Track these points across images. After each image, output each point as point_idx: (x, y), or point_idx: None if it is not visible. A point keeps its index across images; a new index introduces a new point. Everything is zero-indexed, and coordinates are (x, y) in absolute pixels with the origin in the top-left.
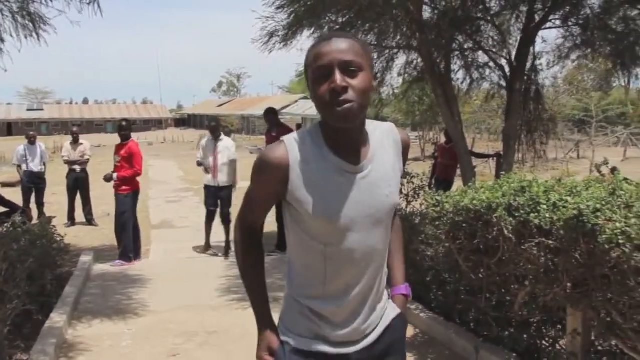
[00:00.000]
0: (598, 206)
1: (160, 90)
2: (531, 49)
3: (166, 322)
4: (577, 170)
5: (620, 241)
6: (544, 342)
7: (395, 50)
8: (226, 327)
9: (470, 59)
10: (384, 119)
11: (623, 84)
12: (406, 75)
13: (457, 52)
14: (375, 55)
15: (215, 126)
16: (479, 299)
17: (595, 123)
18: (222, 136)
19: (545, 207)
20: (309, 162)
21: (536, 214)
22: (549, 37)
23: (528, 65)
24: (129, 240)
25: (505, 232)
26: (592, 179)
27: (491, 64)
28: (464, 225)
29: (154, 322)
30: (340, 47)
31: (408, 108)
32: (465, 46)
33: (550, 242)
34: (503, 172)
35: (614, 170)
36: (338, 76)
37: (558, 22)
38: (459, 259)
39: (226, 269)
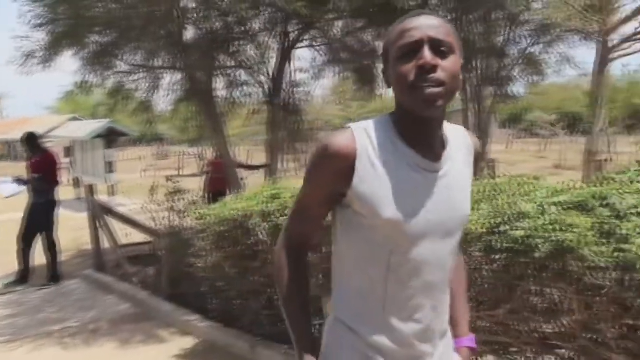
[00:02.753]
0: None
1: None
2: (289, 66)
3: None
4: None
5: None
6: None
7: (163, 70)
8: None
9: (233, 77)
10: (159, 136)
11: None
12: (174, 93)
13: (220, 71)
14: (143, 75)
15: None
16: (250, 301)
17: None
18: None
19: (290, 209)
20: (379, 154)
21: (285, 217)
22: (305, 55)
23: (287, 81)
24: None
25: (261, 236)
26: None
27: (253, 81)
28: (227, 234)
29: None
30: (431, 23)
31: (182, 125)
32: (228, 65)
33: None
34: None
35: None
36: (427, 52)
37: (310, 42)
38: (225, 267)
39: None
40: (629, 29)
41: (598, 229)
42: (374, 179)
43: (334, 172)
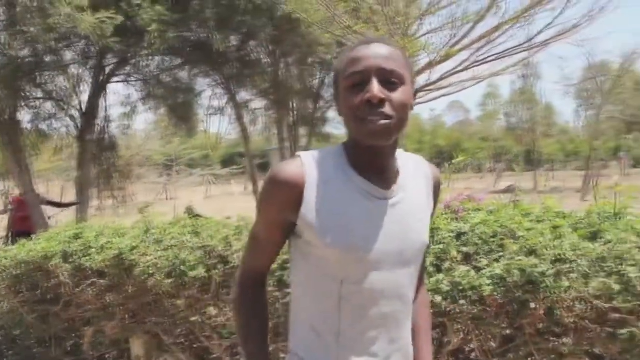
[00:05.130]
0: (134, 244)
1: None
2: (103, 100)
3: None
4: (166, 211)
5: (151, 272)
6: None
7: None
8: None
9: (41, 109)
10: None
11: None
12: None
13: (27, 102)
14: None
15: None
16: (52, 348)
17: (176, 166)
18: None
19: (95, 250)
20: (329, 182)
21: (88, 257)
22: (121, 91)
23: (101, 115)
24: None
25: (62, 278)
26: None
27: (63, 114)
28: (25, 277)
29: None
30: (381, 52)
31: None
32: (36, 96)
33: (103, 281)
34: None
35: (189, 209)
36: (375, 86)
37: (125, 78)
38: (23, 313)
39: None
40: (422, 80)
41: None
42: (322, 208)
43: (281, 201)
